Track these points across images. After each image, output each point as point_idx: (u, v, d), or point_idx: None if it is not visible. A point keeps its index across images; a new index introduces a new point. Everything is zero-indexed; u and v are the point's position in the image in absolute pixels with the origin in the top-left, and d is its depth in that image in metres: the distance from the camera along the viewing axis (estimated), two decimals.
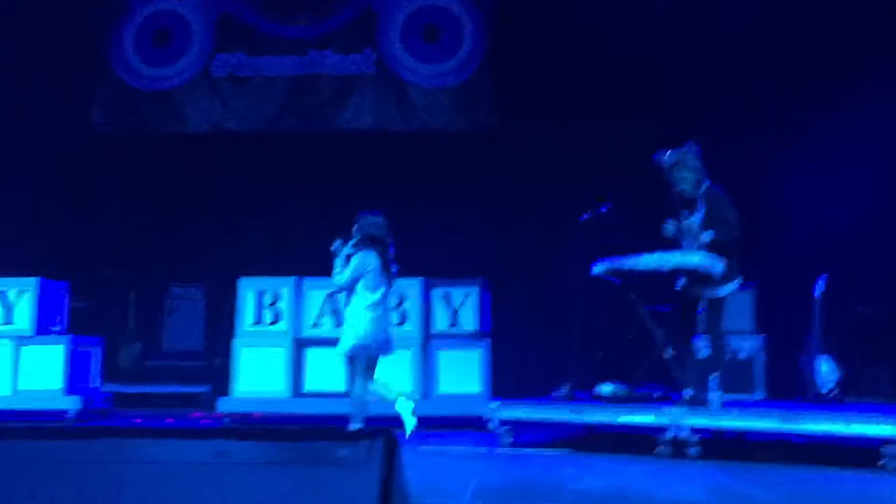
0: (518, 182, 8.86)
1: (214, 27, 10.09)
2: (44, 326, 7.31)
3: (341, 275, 5.63)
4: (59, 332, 7.45)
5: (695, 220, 5.24)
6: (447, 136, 9.52)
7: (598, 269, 5.61)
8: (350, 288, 5.65)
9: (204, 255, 9.14)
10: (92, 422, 6.97)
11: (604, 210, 6.16)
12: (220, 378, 8.25)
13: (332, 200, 9.09)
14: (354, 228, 5.77)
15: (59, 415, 6.81)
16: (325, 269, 7.42)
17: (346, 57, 9.93)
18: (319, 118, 9.88)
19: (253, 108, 9.97)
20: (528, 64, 9.10)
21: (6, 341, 7.07)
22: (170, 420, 7.25)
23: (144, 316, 9.71)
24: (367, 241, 5.68)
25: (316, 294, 7.20)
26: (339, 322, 7.13)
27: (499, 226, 8.70)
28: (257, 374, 7.02)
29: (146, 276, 9.58)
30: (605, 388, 5.61)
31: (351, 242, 5.75)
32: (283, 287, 7.23)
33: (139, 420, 7.25)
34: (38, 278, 7.32)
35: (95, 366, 7.53)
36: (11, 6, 9.31)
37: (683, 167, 5.24)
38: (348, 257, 5.73)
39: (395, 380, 6.43)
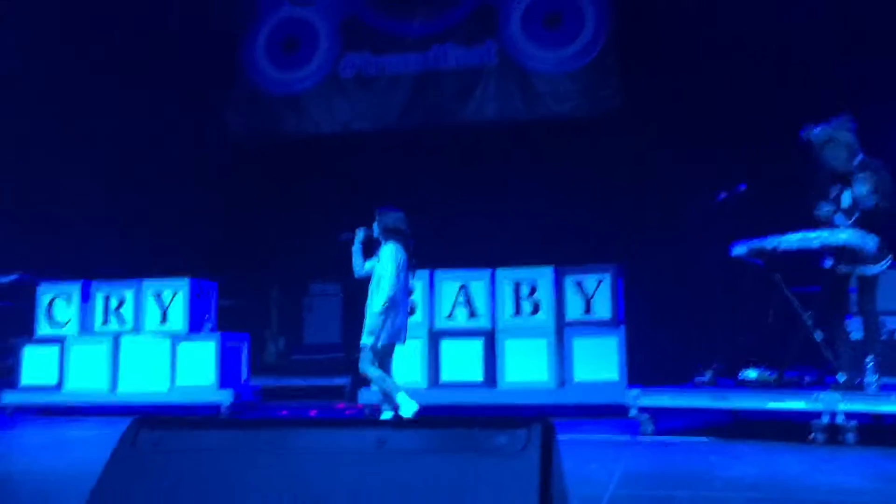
0: (647, 164, 8.66)
1: (339, 30, 10.38)
2: (196, 324, 7.74)
3: (387, 266, 5.75)
4: (210, 330, 7.87)
5: (847, 196, 4.97)
6: (573, 121, 9.42)
7: (739, 250, 5.41)
8: (376, 277, 5.81)
9: (340, 253, 9.42)
10: (244, 414, 7.34)
11: (741, 189, 5.93)
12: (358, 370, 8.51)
13: (460, 193, 9.20)
14: (376, 223, 5.97)
15: (213, 408, 7.20)
16: (457, 262, 7.56)
17: (467, 50, 9.99)
18: (443, 112, 10.00)
19: (379, 106, 10.20)
20: (653, 42, 8.86)
21: (163, 339, 7.53)
22: (313, 411, 7.52)
23: (286, 312, 10.13)
24: (393, 234, 5.87)
25: (449, 286, 7.29)
26: (472, 313, 7.21)
27: (630, 210, 8.54)
28: (396, 366, 7.16)
29: (287, 274, 10.00)
30: (751, 373, 5.41)
31: (360, 237, 5.97)
32: (417, 280, 7.34)
33: (285, 412, 7.57)
34: (190, 279, 7.75)
35: (244, 361, 7.91)
36: (152, 19, 9.88)
37: (836, 144, 4.96)
38: (365, 248, 5.98)
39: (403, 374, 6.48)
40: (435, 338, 7.15)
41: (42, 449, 5.77)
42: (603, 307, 6.92)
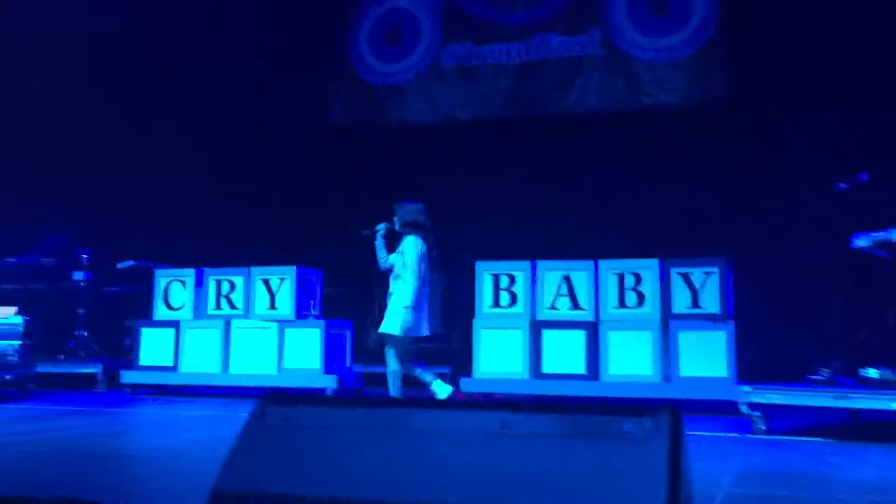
0: (759, 154, 8.36)
1: (441, 20, 10.42)
2: (302, 311, 7.94)
3: (409, 258, 5.76)
4: (316, 316, 8.06)
5: None
6: (680, 110, 9.19)
7: (861, 242, 5.16)
8: (397, 270, 6.03)
9: (440, 241, 9.47)
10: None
11: (863, 178, 5.65)
12: (459, 359, 8.55)
13: (562, 183, 9.11)
14: (396, 216, 6.14)
15: (318, 392, 7.38)
16: (558, 253, 7.50)
17: (570, 38, 9.87)
18: (545, 102, 9.91)
19: (481, 96, 10.19)
20: (765, 28, 8.54)
21: (271, 324, 7.76)
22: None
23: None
24: (413, 227, 6.06)
25: (550, 276, 7.23)
26: (574, 304, 7.14)
27: (740, 201, 8.27)
28: (496, 356, 7.19)
29: None
30: (872, 372, 5.16)
31: (381, 231, 6.14)
32: (519, 270, 7.33)
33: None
34: (296, 266, 7.96)
35: (347, 347, 8.07)
36: (257, 12, 10.15)
37: None
38: (387, 242, 6.15)
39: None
40: (536, 328, 7.11)
41: (160, 426, 6.04)
42: (711, 300, 6.73)
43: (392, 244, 6.21)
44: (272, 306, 7.91)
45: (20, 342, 7.72)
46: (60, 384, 8.23)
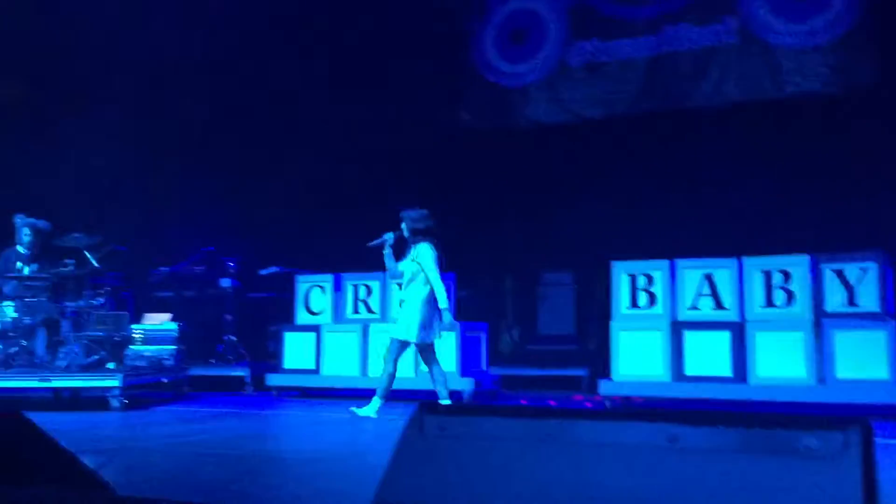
0: None
1: (567, 18, 10.29)
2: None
3: (427, 263, 5.99)
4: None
5: None
6: (823, 98, 8.70)
7: None
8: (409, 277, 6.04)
9: (572, 242, 9.37)
10: (485, 402, 7.49)
11: None
12: (595, 361, 8.41)
13: (697, 178, 8.78)
14: (403, 223, 6.18)
15: (454, 395, 7.41)
16: (697, 250, 7.22)
17: (703, 29, 9.53)
18: (678, 96, 9.61)
19: (610, 93, 10.00)
20: None
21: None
22: (551, 402, 7.52)
23: (520, 302, 10.23)
24: (424, 233, 6.10)
25: (691, 275, 6.99)
26: (717, 303, 6.87)
27: (894, 192, 7.73)
28: (636, 358, 7.00)
29: (519, 264, 10.09)
30: None
31: (390, 241, 6.11)
32: (657, 270, 7.12)
33: (524, 401, 7.64)
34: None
35: (483, 350, 8.08)
36: (385, 13, 10.31)
37: None
38: (394, 250, 6.16)
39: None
40: (678, 329, 6.89)
41: (306, 428, 6.24)
42: (869, 298, 6.31)
43: (399, 253, 6.28)
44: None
45: (175, 347, 8.17)
46: (211, 387, 8.65)
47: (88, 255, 7.47)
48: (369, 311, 8.19)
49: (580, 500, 1.85)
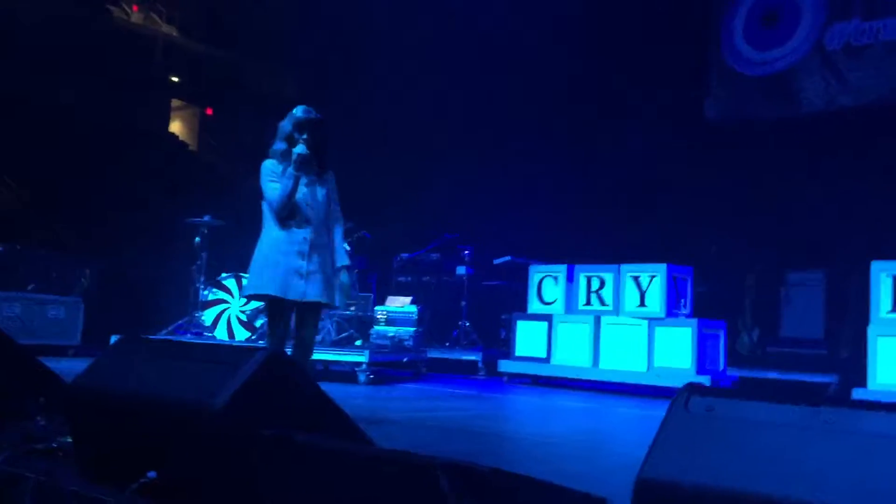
0: None
1: None
2: (672, 309, 7.80)
3: None
4: (686, 315, 7.87)
5: None
6: None
7: None
8: None
9: (823, 239, 8.75)
10: None
11: None
12: (846, 368, 7.79)
13: None
14: None
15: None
16: None
17: None
18: None
19: (871, 78, 9.20)
20: None
21: (641, 322, 7.74)
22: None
23: (762, 301, 9.70)
24: None
25: None
26: None
27: None
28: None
29: (763, 261, 9.57)
30: None
31: None
32: None
33: None
34: (667, 264, 7.83)
35: (721, 348, 7.76)
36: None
37: None
38: None
39: None
40: None
41: (541, 413, 6.34)
42: None
43: None
44: (642, 303, 7.87)
45: (415, 329, 8.60)
46: (446, 369, 9.02)
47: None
48: (602, 303, 8.14)
49: (859, 493, 1.75)
